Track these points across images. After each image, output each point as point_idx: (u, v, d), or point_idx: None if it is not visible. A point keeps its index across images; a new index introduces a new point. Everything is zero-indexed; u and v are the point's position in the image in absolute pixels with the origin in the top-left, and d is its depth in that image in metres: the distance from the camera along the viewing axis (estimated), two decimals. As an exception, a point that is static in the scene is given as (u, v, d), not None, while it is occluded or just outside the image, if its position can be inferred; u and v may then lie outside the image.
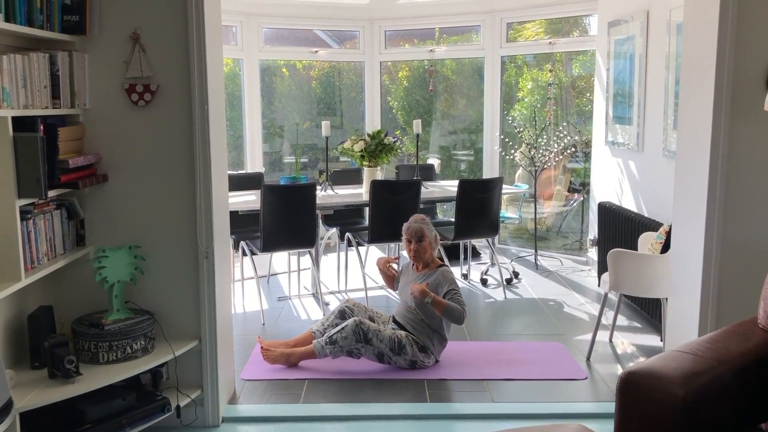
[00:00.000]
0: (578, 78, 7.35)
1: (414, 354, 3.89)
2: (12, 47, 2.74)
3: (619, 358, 4.13)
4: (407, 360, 3.88)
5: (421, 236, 4.06)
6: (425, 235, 4.07)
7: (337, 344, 3.85)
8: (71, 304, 3.16)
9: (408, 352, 3.87)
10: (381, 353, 3.87)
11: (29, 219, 2.71)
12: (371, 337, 3.84)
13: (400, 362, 3.88)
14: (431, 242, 4.10)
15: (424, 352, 3.92)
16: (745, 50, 2.88)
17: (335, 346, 3.85)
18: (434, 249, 4.15)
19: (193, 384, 3.26)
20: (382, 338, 3.85)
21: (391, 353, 3.86)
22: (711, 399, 2.11)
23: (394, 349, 3.86)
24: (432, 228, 4.15)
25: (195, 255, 3.17)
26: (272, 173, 7.66)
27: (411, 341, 3.90)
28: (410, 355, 3.88)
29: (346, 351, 3.86)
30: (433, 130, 8.12)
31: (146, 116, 3.08)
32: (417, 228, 4.08)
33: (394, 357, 3.87)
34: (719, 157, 2.94)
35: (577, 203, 7.36)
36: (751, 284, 2.86)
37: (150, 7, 3.01)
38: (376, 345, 3.84)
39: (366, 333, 3.83)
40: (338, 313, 4.10)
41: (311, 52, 7.61)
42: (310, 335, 4.06)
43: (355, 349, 3.85)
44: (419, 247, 4.07)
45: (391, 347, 3.86)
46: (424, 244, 4.07)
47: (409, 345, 3.88)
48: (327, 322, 4.10)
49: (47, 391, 2.71)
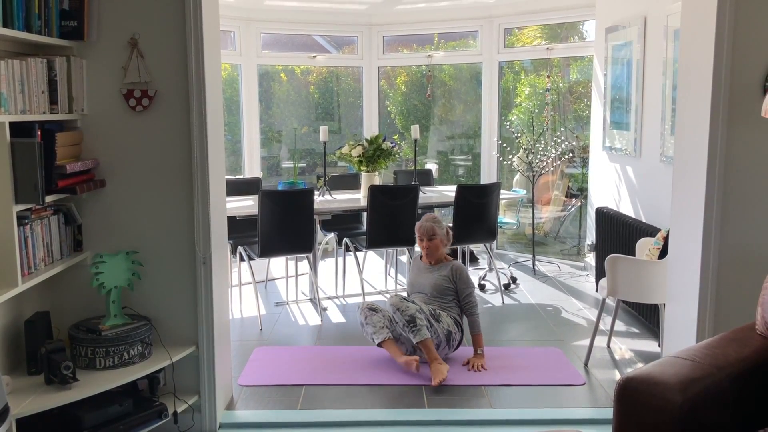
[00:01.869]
0: (576, 83, 7.37)
1: (449, 324, 4.10)
2: (10, 53, 2.74)
3: (617, 363, 4.12)
4: (444, 330, 4.07)
5: (432, 234, 4.30)
6: (436, 233, 4.30)
7: (417, 324, 3.95)
8: (68, 309, 3.15)
9: (443, 321, 4.09)
10: (430, 324, 4.04)
11: (26, 224, 2.70)
12: (417, 315, 3.99)
13: (439, 331, 4.04)
14: (442, 239, 4.33)
15: (456, 324, 4.16)
16: (742, 56, 2.89)
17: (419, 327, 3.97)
18: (446, 246, 4.37)
19: (191, 390, 3.25)
20: (422, 310, 4.03)
21: (433, 320, 4.05)
22: (709, 405, 2.11)
23: (434, 316, 4.06)
24: (443, 226, 4.38)
25: (192, 260, 3.16)
26: (270, 178, 7.66)
27: (443, 312, 4.15)
28: (446, 324, 4.09)
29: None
30: (431, 135, 8.12)
31: (144, 122, 3.08)
32: (428, 227, 4.32)
33: (435, 324, 4.05)
34: (716, 162, 2.95)
35: (574, 208, 7.36)
36: (749, 290, 2.87)
37: (148, 13, 3.01)
38: (423, 320, 3.99)
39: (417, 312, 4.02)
40: (370, 311, 4.16)
41: (309, 57, 7.62)
42: (392, 341, 4.06)
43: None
44: (431, 244, 4.31)
45: (431, 314, 4.06)
46: (436, 242, 4.30)
47: (444, 315, 4.12)
48: (380, 323, 4.08)
49: (44, 397, 2.70)
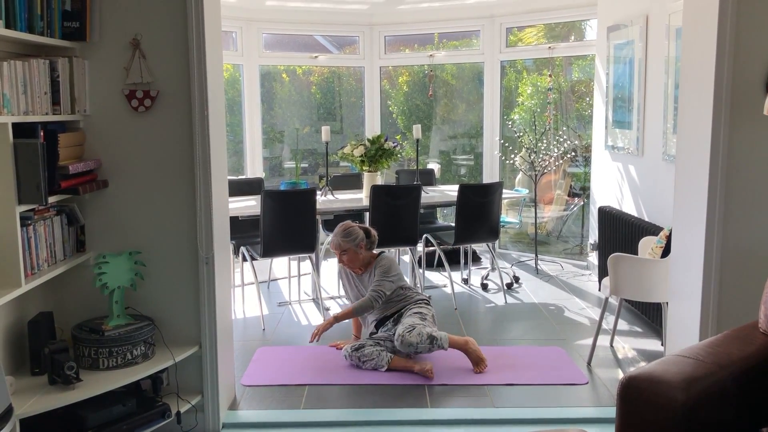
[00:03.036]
0: (578, 82, 7.36)
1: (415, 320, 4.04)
2: (12, 53, 2.75)
3: (620, 362, 4.12)
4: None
5: (342, 250, 4.17)
6: (344, 247, 4.15)
7: (419, 349, 3.94)
8: (71, 310, 3.16)
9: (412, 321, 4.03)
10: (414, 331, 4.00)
11: (29, 225, 2.71)
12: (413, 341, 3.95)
13: (423, 332, 3.95)
14: (355, 249, 4.15)
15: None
16: (744, 54, 2.88)
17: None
18: (366, 248, 4.19)
19: (194, 390, 3.25)
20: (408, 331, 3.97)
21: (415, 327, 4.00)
22: (712, 404, 2.11)
23: (411, 325, 3.99)
24: (353, 233, 4.17)
25: (195, 260, 3.17)
26: (272, 178, 7.67)
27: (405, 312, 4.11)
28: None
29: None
30: (433, 134, 8.12)
31: (146, 122, 3.08)
32: (335, 242, 4.19)
33: (418, 326, 4.01)
34: (719, 161, 2.94)
35: (577, 208, 7.36)
36: (752, 288, 2.86)
37: (150, 14, 3.02)
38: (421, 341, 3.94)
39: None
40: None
41: (311, 57, 7.62)
42: (396, 358, 4.04)
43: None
44: (345, 257, 4.18)
45: (410, 326, 3.98)
46: (349, 254, 4.16)
47: (407, 313, 4.09)
48: (374, 351, 4.02)
49: (47, 397, 2.71)
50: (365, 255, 4.19)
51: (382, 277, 4.13)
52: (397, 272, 4.21)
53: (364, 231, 4.22)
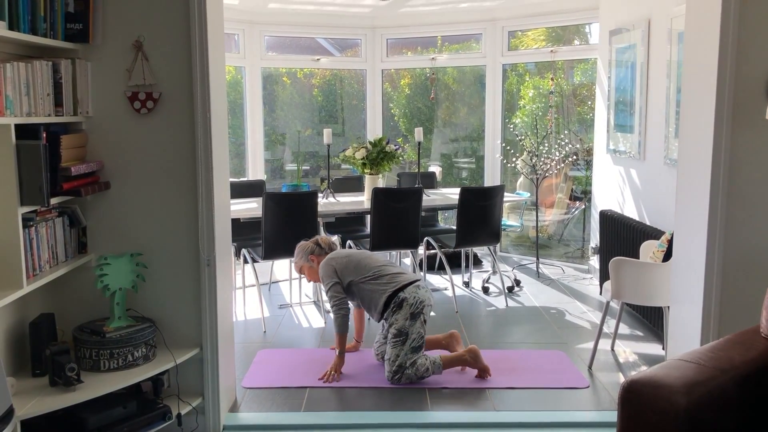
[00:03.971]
0: (579, 86, 7.36)
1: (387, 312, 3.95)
2: (15, 55, 2.75)
3: (621, 366, 4.12)
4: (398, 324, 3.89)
5: (298, 268, 4.26)
6: (300, 266, 4.23)
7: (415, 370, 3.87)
8: (73, 311, 3.16)
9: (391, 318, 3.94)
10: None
11: (31, 226, 2.71)
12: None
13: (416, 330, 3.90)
14: (308, 263, 4.17)
15: (383, 304, 3.92)
16: (746, 58, 2.88)
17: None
18: (321, 256, 4.14)
19: (194, 392, 3.25)
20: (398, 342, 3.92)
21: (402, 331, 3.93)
22: (713, 408, 2.11)
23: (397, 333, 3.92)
24: (300, 251, 4.20)
25: (196, 262, 3.17)
26: (274, 181, 7.67)
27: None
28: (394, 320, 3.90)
29: None
30: (435, 137, 8.13)
31: (148, 124, 3.09)
32: (295, 264, 4.28)
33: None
34: (721, 165, 2.94)
35: (578, 211, 7.36)
36: (754, 293, 2.86)
37: (153, 16, 3.02)
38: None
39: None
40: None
41: (313, 60, 7.63)
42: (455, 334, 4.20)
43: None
44: (306, 273, 4.24)
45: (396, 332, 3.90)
46: (306, 269, 4.21)
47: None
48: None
49: (48, 398, 2.71)
50: (318, 266, 4.12)
51: (326, 289, 4.00)
52: (328, 275, 3.97)
53: (313, 243, 4.21)
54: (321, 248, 4.18)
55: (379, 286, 3.91)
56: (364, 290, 3.94)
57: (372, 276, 3.95)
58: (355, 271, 3.97)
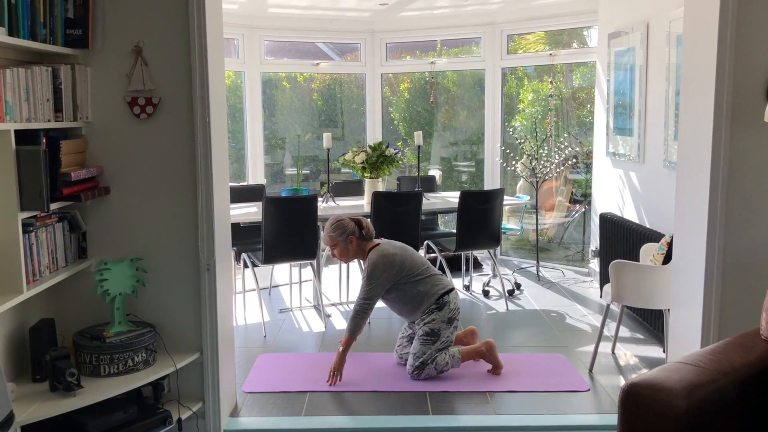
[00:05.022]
0: (579, 89, 7.37)
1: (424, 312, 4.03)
2: (15, 61, 2.76)
3: (622, 369, 4.11)
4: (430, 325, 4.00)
5: (332, 244, 4.09)
6: (333, 241, 4.06)
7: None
8: (73, 316, 3.16)
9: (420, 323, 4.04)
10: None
11: (31, 232, 2.71)
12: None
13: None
14: (344, 242, 4.04)
15: (429, 304, 4.01)
16: (745, 61, 2.89)
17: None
18: (359, 239, 4.04)
19: (195, 397, 3.25)
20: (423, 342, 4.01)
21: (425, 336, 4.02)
22: (714, 411, 2.10)
23: (427, 334, 4.00)
24: (339, 227, 4.04)
25: (196, 267, 3.17)
26: (274, 185, 7.68)
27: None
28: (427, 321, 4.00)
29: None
30: (435, 141, 8.13)
31: (148, 129, 3.09)
32: (324, 237, 4.13)
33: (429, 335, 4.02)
34: (720, 167, 2.94)
35: (578, 214, 7.36)
36: (754, 295, 2.86)
37: (152, 21, 3.03)
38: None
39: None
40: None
41: (313, 64, 7.64)
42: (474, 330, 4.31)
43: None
44: (336, 251, 4.10)
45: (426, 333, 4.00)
46: (340, 247, 4.06)
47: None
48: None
49: (48, 404, 2.71)
50: (354, 248, 4.05)
51: (365, 284, 3.95)
52: (384, 274, 3.93)
53: (356, 223, 4.09)
54: (362, 233, 4.06)
55: (428, 288, 4.00)
56: (414, 289, 3.98)
57: (421, 275, 4.02)
58: (410, 267, 4.01)
